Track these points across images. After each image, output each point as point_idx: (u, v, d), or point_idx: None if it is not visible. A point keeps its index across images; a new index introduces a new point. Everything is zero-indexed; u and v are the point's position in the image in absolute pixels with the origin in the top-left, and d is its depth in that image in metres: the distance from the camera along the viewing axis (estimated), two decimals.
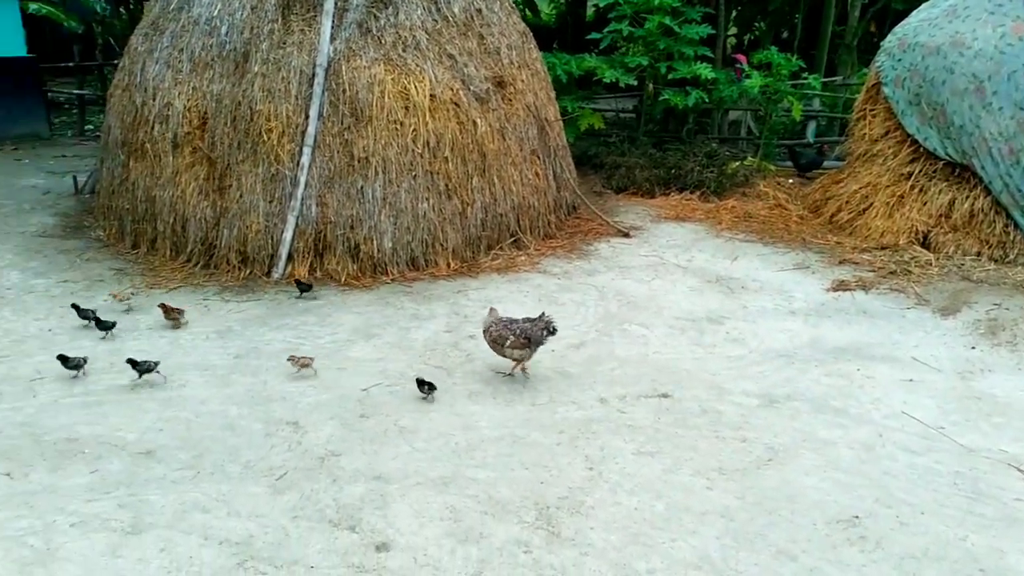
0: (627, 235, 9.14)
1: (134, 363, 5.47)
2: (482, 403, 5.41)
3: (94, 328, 6.28)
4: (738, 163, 11.41)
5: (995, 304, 7.10)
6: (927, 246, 8.44)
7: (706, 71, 11.24)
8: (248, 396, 5.43)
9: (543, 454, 4.79)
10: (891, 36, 9.46)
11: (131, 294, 6.94)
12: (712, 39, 13.00)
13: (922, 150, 8.78)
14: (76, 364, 5.56)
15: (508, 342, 5.52)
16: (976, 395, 5.60)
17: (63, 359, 5.53)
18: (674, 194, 10.73)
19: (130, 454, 4.71)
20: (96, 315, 6.31)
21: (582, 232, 9.21)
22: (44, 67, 14.64)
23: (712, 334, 6.58)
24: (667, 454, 4.81)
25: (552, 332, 5.63)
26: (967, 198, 8.43)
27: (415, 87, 7.79)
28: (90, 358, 5.73)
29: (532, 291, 7.44)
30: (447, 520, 4.16)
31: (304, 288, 7.11)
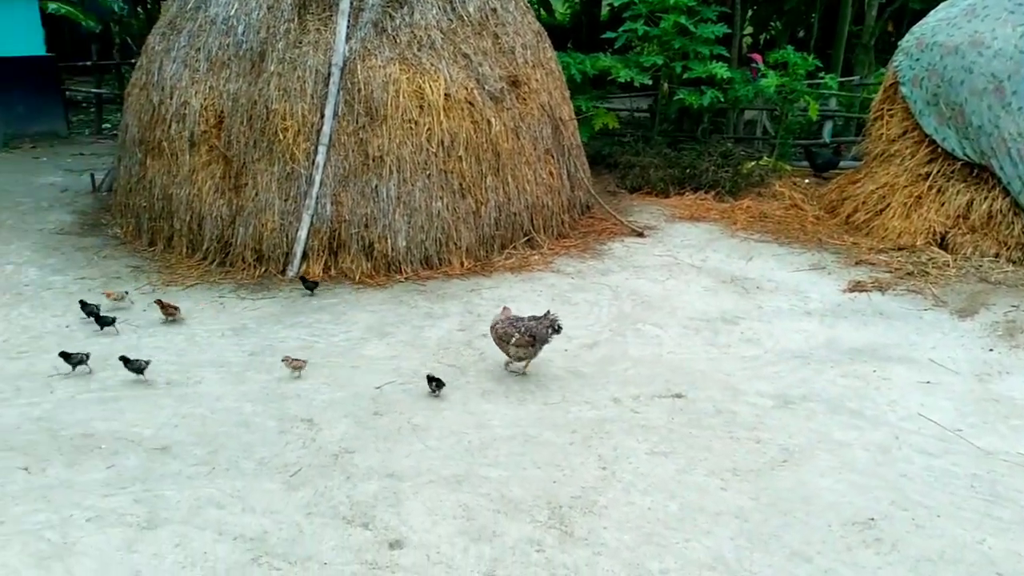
0: (641, 235, 9.11)
1: (127, 361, 5.53)
2: (495, 402, 5.41)
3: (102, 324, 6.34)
4: (753, 163, 11.34)
5: (1013, 306, 7.03)
6: (944, 247, 8.36)
7: (722, 70, 11.18)
8: (263, 393, 5.46)
9: (556, 453, 4.78)
10: (909, 35, 9.39)
11: (124, 293, 6.96)
12: (728, 38, 12.93)
13: (940, 150, 8.71)
14: (78, 360, 5.60)
15: (513, 339, 5.53)
16: (994, 397, 5.55)
17: (65, 356, 5.58)
18: (689, 194, 10.68)
19: (146, 450, 4.75)
20: (98, 311, 6.38)
21: (596, 232, 9.19)
22: (62, 66, 14.76)
23: (727, 334, 6.55)
24: (681, 454, 4.80)
25: (557, 330, 5.62)
26: (985, 199, 8.36)
27: (430, 86, 7.81)
28: (106, 355, 5.78)
29: (546, 290, 7.43)
30: (460, 518, 4.17)
31: (310, 286, 7.16)
